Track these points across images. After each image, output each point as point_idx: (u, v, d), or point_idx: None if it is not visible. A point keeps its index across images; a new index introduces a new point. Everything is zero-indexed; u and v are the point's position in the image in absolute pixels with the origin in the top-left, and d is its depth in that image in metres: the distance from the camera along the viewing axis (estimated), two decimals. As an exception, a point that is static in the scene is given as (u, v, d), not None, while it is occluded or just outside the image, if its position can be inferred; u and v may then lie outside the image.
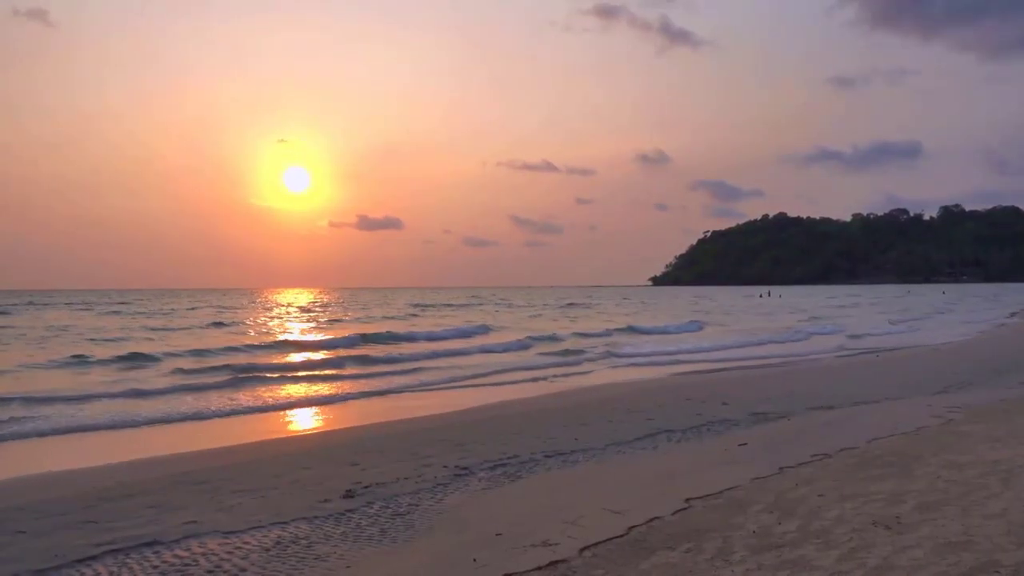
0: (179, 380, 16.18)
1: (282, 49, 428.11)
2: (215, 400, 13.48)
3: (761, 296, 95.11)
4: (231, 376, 16.51)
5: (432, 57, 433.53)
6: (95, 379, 16.55)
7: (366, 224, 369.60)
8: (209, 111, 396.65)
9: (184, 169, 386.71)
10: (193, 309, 60.79)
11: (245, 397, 14.00)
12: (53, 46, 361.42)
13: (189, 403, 13.07)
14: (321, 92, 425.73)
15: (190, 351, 22.41)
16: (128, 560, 5.25)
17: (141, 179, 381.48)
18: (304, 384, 16.18)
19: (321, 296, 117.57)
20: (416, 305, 67.50)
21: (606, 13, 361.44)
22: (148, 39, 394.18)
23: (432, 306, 65.45)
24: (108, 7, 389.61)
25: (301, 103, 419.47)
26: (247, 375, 16.79)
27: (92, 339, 28.21)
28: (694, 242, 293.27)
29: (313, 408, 13.25)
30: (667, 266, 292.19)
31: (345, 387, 15.63)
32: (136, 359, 20.22)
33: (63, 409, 12.20)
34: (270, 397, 14.12)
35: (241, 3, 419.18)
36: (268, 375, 17.14)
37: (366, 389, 15.21)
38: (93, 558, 5.29)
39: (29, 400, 12.89)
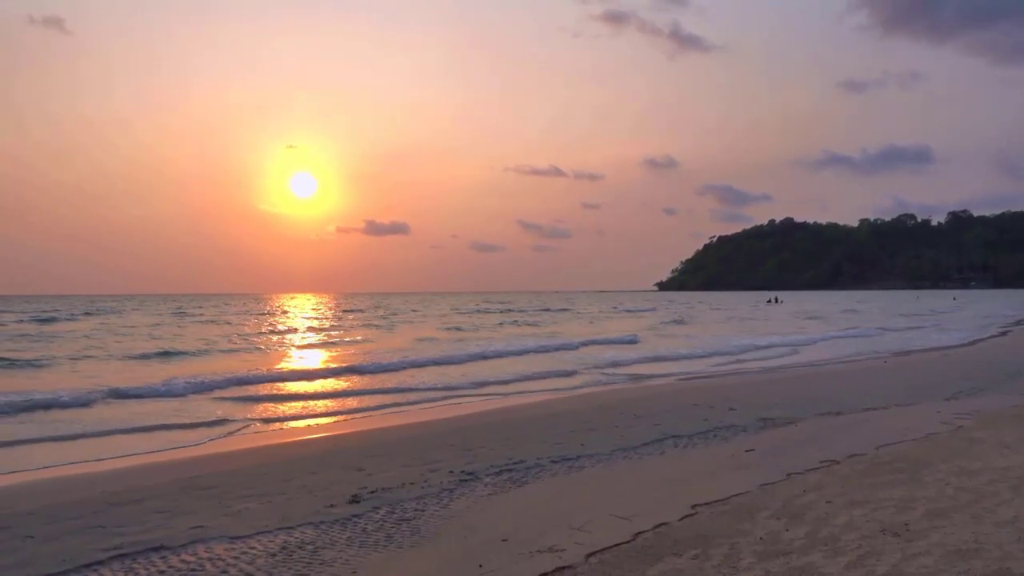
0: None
1: (290, 55, 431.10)
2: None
3: (770, 301, 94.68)
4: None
5: (440, 62, 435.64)
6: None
7: (374, 229, 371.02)
8: (218, 117, 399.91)
9: (192, 175, 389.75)
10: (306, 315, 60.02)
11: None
12: (69, 54, 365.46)
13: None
14: (329, 97, 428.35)
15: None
16: (135, 565, 5.26)
17: (150, 185, 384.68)
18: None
19: (353, 302, 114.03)
20: (475, 312, 65.76)
21: (616, 18, 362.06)
22: (158, 45, 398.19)
23: (482, 312, 64.43)
24: (121, 14, 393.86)
25: (309, 109, 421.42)
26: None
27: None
28: (701, 247, 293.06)
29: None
30: (673, 271, 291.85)
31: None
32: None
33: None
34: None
35: (249, 9, 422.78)
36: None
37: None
38: (100, 563, 5.31)
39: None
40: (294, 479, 7.59)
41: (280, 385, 16.55)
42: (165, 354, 24.05)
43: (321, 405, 13.91)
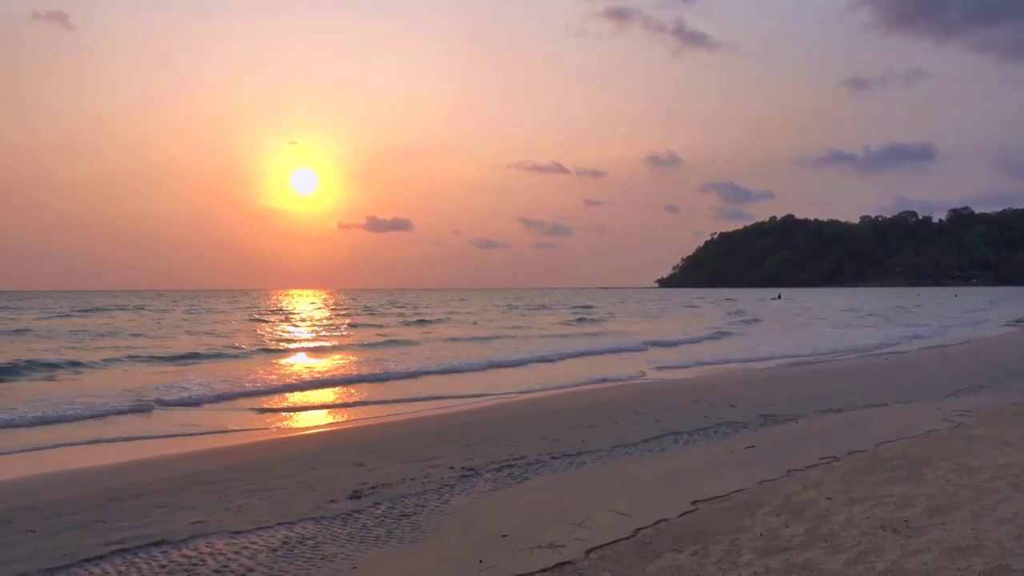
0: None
1: (293, 53, 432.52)
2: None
3: (772, 299, 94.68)
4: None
5: (443, 60, 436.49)
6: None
7: (375, 225, 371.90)
8: (220, 113, 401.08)
9: (195, 171, 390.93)
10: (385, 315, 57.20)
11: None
12: (72, 49, 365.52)
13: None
14: (332, 94, 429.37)
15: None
16: (136, 560, 5.27)
17: (153, 181, 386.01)
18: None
19: (363, 299, 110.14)
20: (509, 310, 63.70)
21: (620, 15, 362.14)
22: (162, 43, 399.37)
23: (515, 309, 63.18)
24: (125, 11, 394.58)
25: (312, 106, 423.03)
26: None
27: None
28: (702, 244, 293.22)
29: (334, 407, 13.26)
30: (674, 268, 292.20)
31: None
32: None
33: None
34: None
35: (253, 8, 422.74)
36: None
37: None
38: (101, 557, 5.32)
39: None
40: (294, 475, 7.60)
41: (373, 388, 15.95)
42: (245, 354, 23.60)
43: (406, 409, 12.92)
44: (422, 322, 43.46)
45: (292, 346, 27.25)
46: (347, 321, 46.11)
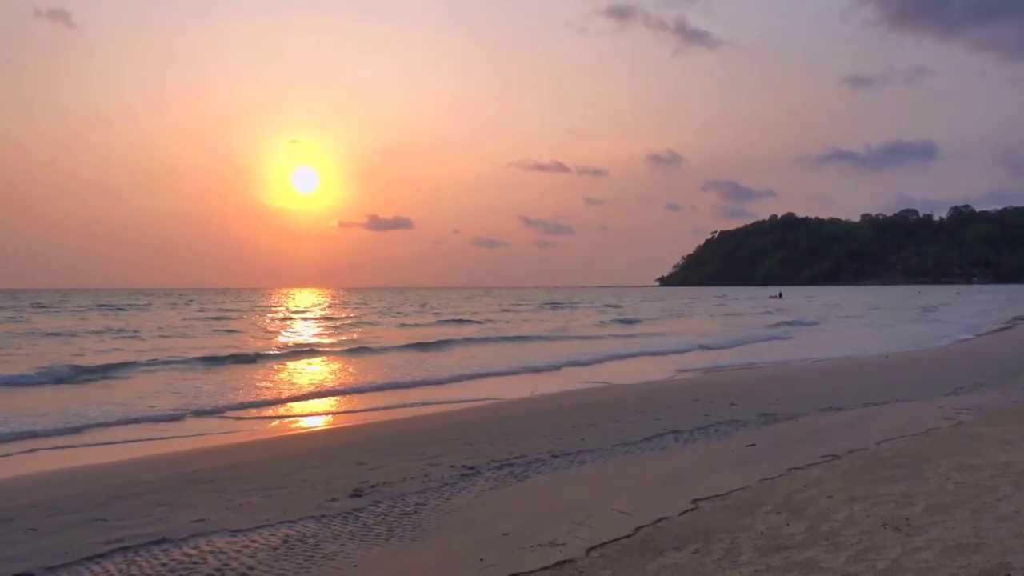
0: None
1: (294, 52, 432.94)
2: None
3: (772, 297, 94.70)
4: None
5: (444, 58, 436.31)
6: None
7: (376, 224, 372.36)
8: (221, 112, 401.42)
9: (196, 169, 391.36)
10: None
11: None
12: (74, 47, 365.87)
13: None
14: (333, 93, 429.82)
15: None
16: (137, 558, 5.28)
17: (155, 179, 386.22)
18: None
19: (370, 297, 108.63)
20: (536, 308, 63.45)
21: (621, 14, 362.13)
22: (164, 42, 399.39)
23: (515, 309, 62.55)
24: (127, 9, 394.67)
25: (313, 104, 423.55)
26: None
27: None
28: (702, 242, 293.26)
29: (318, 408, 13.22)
30: (674, 266, 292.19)
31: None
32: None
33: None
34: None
35: (253, 8, 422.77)
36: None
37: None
38: (102, 555, 5.32)
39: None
40: (295, 473, 7.60)
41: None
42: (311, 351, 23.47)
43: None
44: (460, 322, 42.49)
45: (330, 349, 25.89)
46: (372, 321, 45.19)
